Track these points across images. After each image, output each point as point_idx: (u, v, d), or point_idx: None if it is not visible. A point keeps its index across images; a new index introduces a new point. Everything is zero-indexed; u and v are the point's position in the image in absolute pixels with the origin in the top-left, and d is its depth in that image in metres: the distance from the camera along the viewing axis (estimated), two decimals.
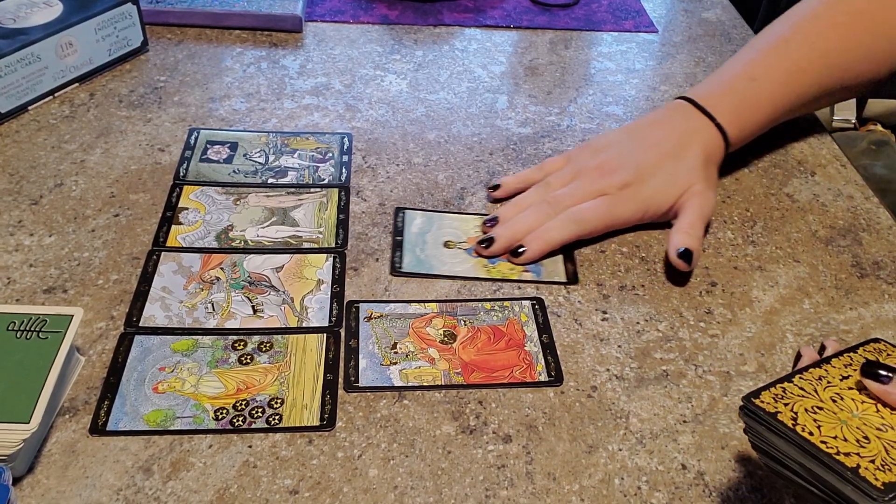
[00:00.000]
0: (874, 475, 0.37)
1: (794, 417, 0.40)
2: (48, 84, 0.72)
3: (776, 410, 0.40)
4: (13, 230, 0.59)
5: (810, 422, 0.40)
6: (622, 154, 0.63)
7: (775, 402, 0.41)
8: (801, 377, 0.42)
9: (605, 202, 0.60)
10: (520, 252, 0.59)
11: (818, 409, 0.40)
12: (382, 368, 0.51)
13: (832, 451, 0.38)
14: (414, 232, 0.61)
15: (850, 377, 0.43)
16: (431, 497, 0.44)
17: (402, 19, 0.90)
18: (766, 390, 0.41)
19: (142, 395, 0.48)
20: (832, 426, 0.39)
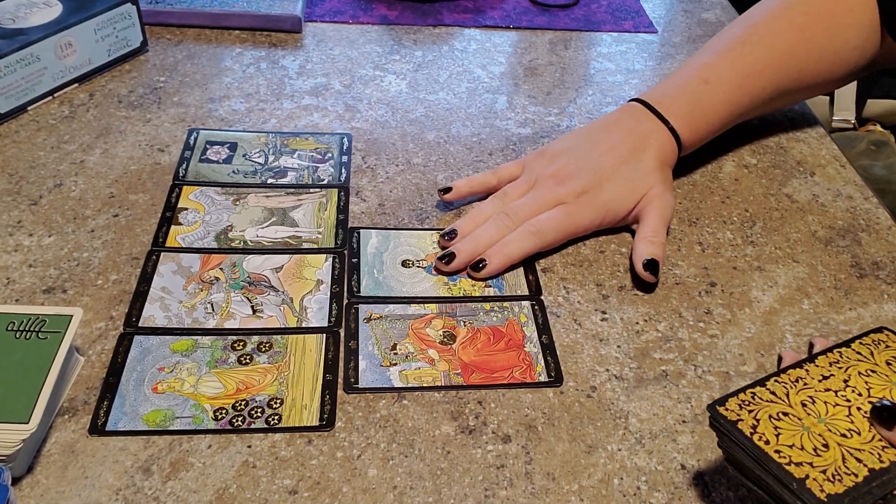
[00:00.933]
0: (821, 486, 0.37)
1: (754, 425, 0.40)
2: (47, 84, 0.72)
3: (738, 418, 0.40)
4: (13, 230, 0.59)
5: (770, 429, 0.40)
6: (578, 159, 0.62)
7: (739, 410, 0.41)
8: (777, 380, 0.43)
9: (563, 211, 0.59)
10: (480, 267, 0.57)
11: (783, 414, 0.41)
12: (382, 370, 0.51)
13: (784, 460, 0.38)
14: (371, 252, 0.59)
15: (833, 377, 0.43)
16: (431, 497, 0.44)
17: (401, 20, 0.90)
18: (734, 396, 0.42)
19: (141, 395, 0.48)
20: (792, 434, 0.40)
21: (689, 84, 0.66)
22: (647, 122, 0.64)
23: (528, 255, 0.59)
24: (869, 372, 0.43)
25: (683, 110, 0.64)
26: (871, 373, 0.43)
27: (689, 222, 0.65)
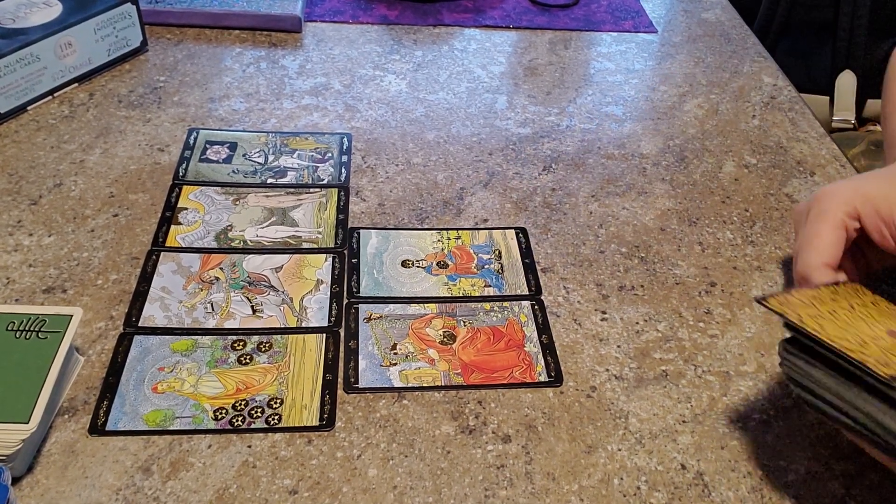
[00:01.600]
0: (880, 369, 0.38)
1: (800, 318, 0.41)
2: (47, 84, 0.72)
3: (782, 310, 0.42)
4: (12, 230, 0.59)
5: (814, 323, 0.41)
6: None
7: (780, 306, 0.43)
8: (800, 292, 0.44)
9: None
10: None
11: (819, 316, 0.42)
12: (382, 370, 0.51)
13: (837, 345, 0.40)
14: (370, 253, 0.59)
15: (839, 300, 0.45)
16: (431, 497, 0.44)
17: (401, 19, 0.90)
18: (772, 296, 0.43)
19: (141, 395, 0.48)
20: (833, 325, 0.41)
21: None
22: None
23: None
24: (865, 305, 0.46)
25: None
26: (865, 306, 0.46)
27: (689, 222, 0.65)
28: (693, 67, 0.86)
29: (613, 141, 0.74)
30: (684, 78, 0.84)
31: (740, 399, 0.51)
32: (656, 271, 0.60)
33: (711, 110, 0.79)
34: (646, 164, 0.71)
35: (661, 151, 0.73)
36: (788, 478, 0.47)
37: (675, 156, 0.72)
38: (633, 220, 0.65)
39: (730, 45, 0.90)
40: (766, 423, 0.50)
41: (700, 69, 0.85)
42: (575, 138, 0.74)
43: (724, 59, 0.88)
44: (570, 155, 0.71)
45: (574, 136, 0.74)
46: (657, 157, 0.72)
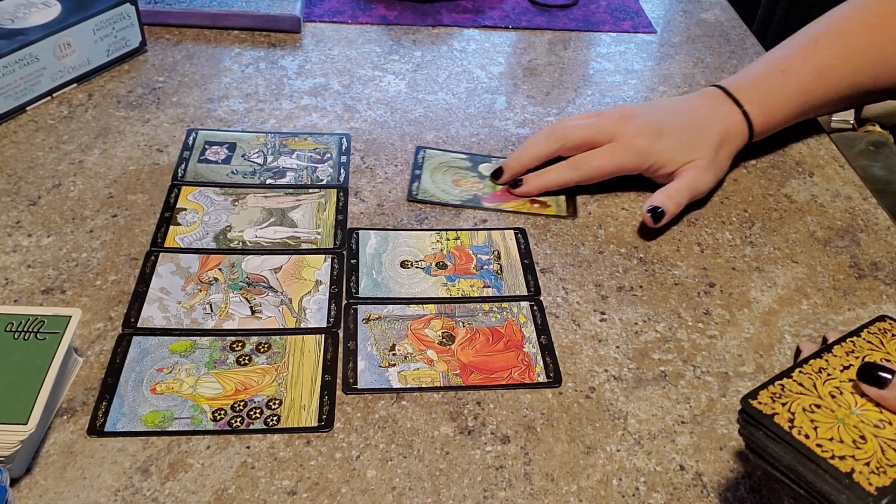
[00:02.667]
0: (868, 479, 0.37)
1: (791, 419, 0.40)
2: (46, 84, 0.72)
3: (773, 412, 0.40)
4: (11, 231, 0.59)
5: (807, 423, 0.39)
6: (646, 111, 0.66)
7: (773, 403, 0.40)
8: (801, 371, 0.42)
9: (609, 150, 0.63)
10: (518, 185, 0.65)
11: (816, 406, 0.40)
12: (381, 370, 0.51)
13: (827, 454, 0.38)
14: (369, 253, 0.59)
15: (852, 367, 0.42)
16: (430, 498, 0.44)
17: (400, 20, 0.90)
18: (763, 389, 0.41)
19: (140, 395, 0.48)
20: (829, 427, 0.39)
21: (765, 74, 0.68)
22: (722, 104, 0.67)
23: (565, 186, 0.65)
24: (884, 361, 0.43)
25: (758, 97, 0.67)
26: (885, 362, 0.43)
27: (688, 223, 0.65)
28: (692, 68, 0.86)
29: None
30: (683, 78, 0.84)
31: (739, 400, 0.51)
32: (655, 272, 0.60)
33: None
34: None
35: None
36: None
37: None
38: (633, 221, 0.65)
39: (729, 46, 0.90)
40: None
41: (699, 69, 0.85)
42: None
43: (723, 59, 0.88)
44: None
45: None
46: None
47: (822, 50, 0.68)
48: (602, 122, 0.65)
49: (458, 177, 0.67)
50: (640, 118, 0.64)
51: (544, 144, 0.65)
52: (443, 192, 0.65)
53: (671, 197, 0.62)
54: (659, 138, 0.64)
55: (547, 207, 0.65)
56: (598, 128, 0.64)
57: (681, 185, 0.63)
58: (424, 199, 0.64)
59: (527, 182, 0.65)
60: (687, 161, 0.64)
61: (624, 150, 0.64)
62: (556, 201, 0.65)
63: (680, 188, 0.63)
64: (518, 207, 0.65)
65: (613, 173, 0.64)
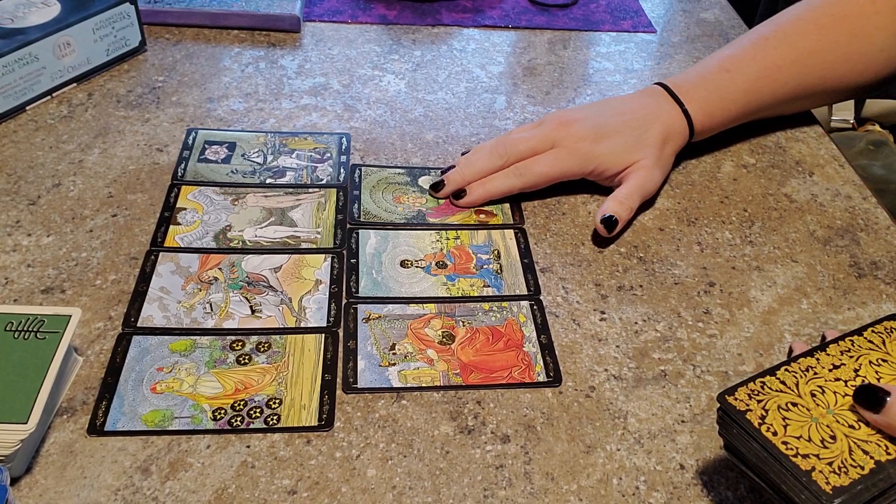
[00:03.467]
0: (827, 479, 0.37)
1: (762, 416, 0.40)
2: (46, 84, 0.72)
3: (746, 409, 0.40)
4: (11, 230, 0.59)
5: (778, 420, 0.40)
6: (589, 112, 0.66)
7: (749, 399, 0.41)
8: (787, 369, 0.42)
9: (552, 155, 0.63)
10: (461, 196, 0.63)
11: (792, 405, 0.40)
12: (381, 370, 0.51)
13: (790, 452, 0.38)
14: (369, 253, 0.59)
15: (843, 366, 0.42)
16: (430, 497, 0.44)
17: (400, 19, 0.90)
18: (743, 386, 0.42)
19: (140, 395, 0.48)
20: (800, 425, 0.40)
21: (709, 72, 0.68)
22: (663, 102, 0.67)
23: (509, 193, 0.64)
24: (880, 361, 0.43)
25: (701, 95, 0.67)
26: (882, 362, 0.43)
27: (688, 222, 0.65)
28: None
29: None
30: None
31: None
32: (655, 271, 0.60)
33: None
34: None
35: None
36: None
37: None
38: (632, 221, 0.65)
39: None
40: None
41: None
42: None
43: None
44: None
45: None
46: None
47: (771, 50, 0.68)
48: (544, 131, 0.64)
49: (399, 193, 0.65)
50: (580, 122, 0.64)
51: (488, 160, 0.64)
52: (385, 211, 0.63)
53: (622, 203, 0.61)
54: (600, 141, 0.63)
55: (493, 217, 0.64)
56: (541, 137, 0.63)
57: (630, 188, 0.62)
58: (367, 222, 0.62)
59: (470, 192, 0.63)
60: (631, 162, 0.63)
61: (567, 155, 0.63)
62: (502, 210, 0.64)
63: (630, 192, 0.62)
64: (464, 220, 0.63)
65: (558, 178, 0.64)
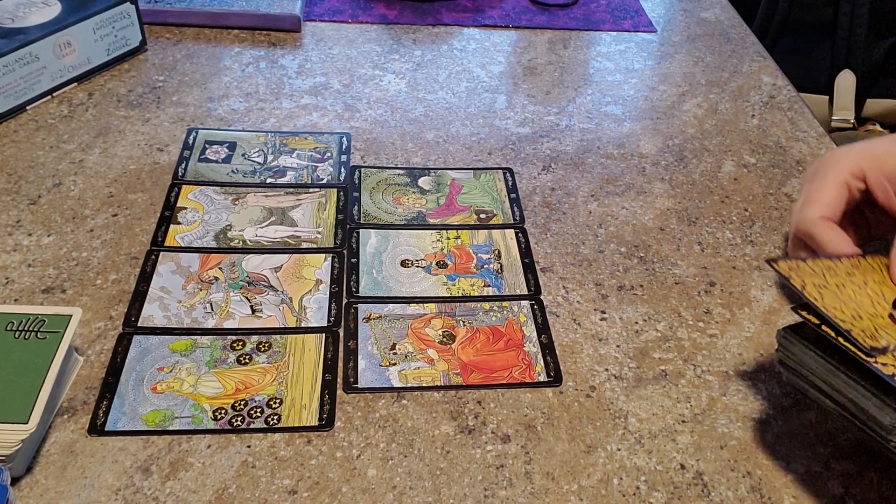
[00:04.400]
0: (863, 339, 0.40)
1: (802, 284, 0.43)
2: (46, 84, 0.72)
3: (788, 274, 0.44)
4: (11, 230, 0.59)
5: (815, 292, 0.43)
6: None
7: (788, 270, 0.44)
8: (814, 261, 0.46)
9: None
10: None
11: (823, 286, 0.43)
12: (381, 369, 0.51)
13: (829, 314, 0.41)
14: (370, 252, 0.59)
15: (855, 275, 0.46)
16: (430, 497, 0.44)
17: (400, 19, 0.90)
18: (784, 259, 0.45)
19: (140, 395, 0.48)
20: (833, 297, 0.43)
21: None
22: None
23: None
24: (881, 282, 0.46)
25: None
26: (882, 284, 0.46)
27: (689, 222, 0.65)
28: (692, 67, 0.86)
29: (613, 140, 0.74)
30: (683, 77, 0.84)
31: (739, 399, 0.51)
32: (655, 271, 0.60)
33: (711, 110, 0.79)
34: (645, 164, 0.71)
35: (660, 151, 0.73)
36: (788, 477, 0.47)
37: (674, 155, 0.72)
38: (633, 220, 0.65)
39: (729, 45, 0.90)
40: (766, 422, 0.50)
41: (699, 69, 0.85)
42: (574, 138, 0.74)
43: (723, 58, 0.88)
44: (569, 154, 0.71)
45: (573, 135, 0.74)
46: (656, 157, 0.72)
47: None
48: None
49: (399, 194, 0.65)
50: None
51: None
52: (385, 212, 0.63)
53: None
54: None
55: (494, 217, 0.64)
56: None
57: None
58: (367, 224, 0.62)
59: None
60: None
61: None
62: (502, 209, 0.64)
63: None
64: (464, 220, 0.63)
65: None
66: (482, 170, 0.69)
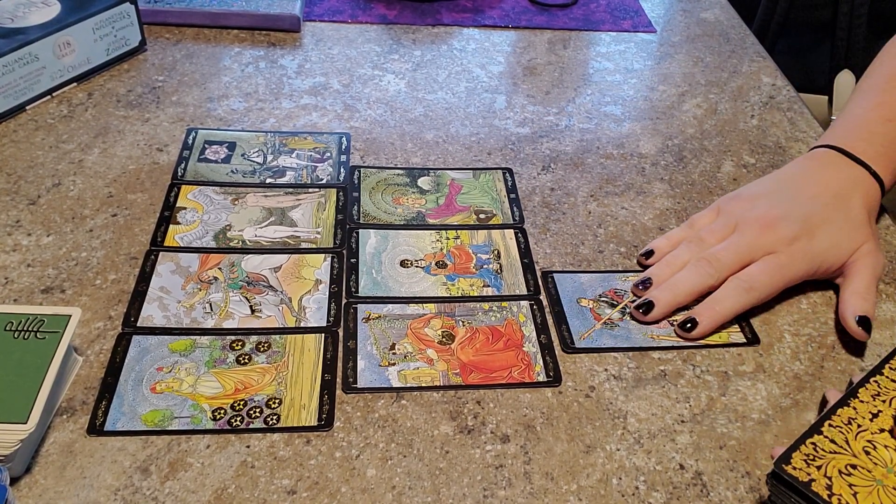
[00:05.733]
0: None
1: (828, 486, 0.38)
2: (46, 84, 0.72)
3: (810, 478, 0.38)
4: (11, 230, 0.59)
5: (846, 489, 0.37)
6: (781, 204, 0.58)
7: (807, 467, 0.38)
8: (831, 424, 0.40)
9: (775, 262, 0.55)
10: (689, 328, 0.54)
11: (852, 468, 0.38)
12: (381, 370, 0.51)
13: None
14: (369, 252, 0.59)
15: (881, 413, 0.41)
16: (429, 497, 0.44)
17: (400, 19, 0.90)
18: (796, 451, 0.39)
19: (140, 395, 0.48)
20: (868, 491, 0.37)
21: (872, 124, 0.62)
22: (845, 167, 0.60)
23: (740, 313, 0.55)
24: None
25: (877, 151, 0.60)
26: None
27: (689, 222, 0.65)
28: (692, 67, 0.86)
29: (612, 141, 0.74)
30: (683, 78, 0.84)
31: (738, 399, 0.51)
32: None
33: (710, 110, 0.79)
34: (644, 164, 0.71)
35: (659, 151, 0.73)
36: None
37: (673, 155, 0.72)
38: (632, 220, 0.65)
39: (728, 45, 0.90)
40: (765, 422, 0.50)
41: (699, 69, 0.85)
42: (574, 138, 0.74)
43: (722, 58, 0.88)
44: (568, 155, 0.71)
45: (573, 135, 0.74)
46: (656, 157, 0.72)
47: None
48: (748, 240, 0.56)
49: (398, 194, 0.65)
50: (783, 221, 0.56)
51: (698, 279, 0.55)
52: (384, 212, 0.63)
53: (866, 298, 0.55)
54: (814, 236, 0.56)
55: (493, 217, 0.63)
56: (747, 247, 0.56)
57: (867, 280, 0.56)
58: (367, 224, 0.62)
59: (701, 321, 0.54)
60: (854, 249, 0.57)
61: (790, 261, 0.55)
62: (501, 210, 0.64)
63: (868, 283, 0.55)
64: (464, 220, 0.63)
65: (786, 286, 0.56)
66: (482, 170, 0.69)
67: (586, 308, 0.56)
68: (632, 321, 0.56)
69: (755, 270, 0.55)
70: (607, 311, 0.56)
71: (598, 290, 0.58)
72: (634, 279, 0.58)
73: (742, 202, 0.59)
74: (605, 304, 0.57)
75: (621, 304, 0.56)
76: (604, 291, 0.58)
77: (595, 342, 0.54)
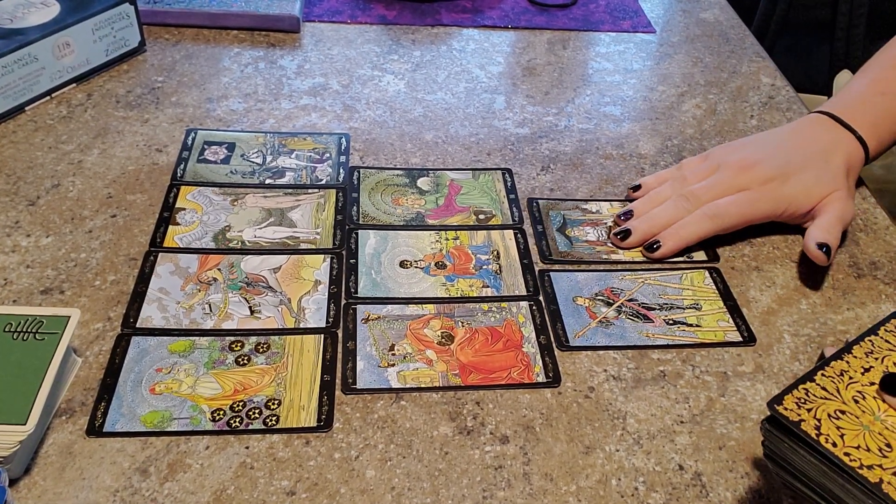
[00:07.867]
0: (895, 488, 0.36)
1: (817, 426, 0.39)
2: (45, 84, 0.72)
3: (799, 419, 0.39)
4: (10, 231, 0.59)
5: (833, 430, 0.38)
6: (765, 150, 0.63)
7: (798, 409, 0.39)
8: (823, 374, 0.42)
9: (744, 197, 0.60)
10: (655, 248, 0.60)
11: (840, 413, 0.39)
12: (380, 370, 0.51)
13: (855, 464, 0.37)
14: (368, 253, 0.59)
15: (872, 369, 0.42)
16: (429, 498, 0.44)
17: (399, 19, 0.90)
18: (788, 393, 0.40)
19: (139, 396, 0.48)
20: (855, 434, 0.38)
21: (866, 96, 0.66)
22: (833, 130, 0.64)
23: (703, 238, 0.61)
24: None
25: (867, 120, 0.64)
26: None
27: None
28: (691, 67, 0.86)
29: (612, 141, 0.74)
30: (682, 78, 0.84)
31: (738, 399, 0.51)
32: None
33: (710, 110, 0.79)
34: (644, 164, 0.71)
35: (659, 151, 0.73)
36: None
37: (673, 156, 0.72)
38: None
39: (728, 45, 0.90)
40: None
41: (698, 69, 0.85)
42: (573, 138, 0.74)
43: (722, 58, 0.88)
44: (568, 155, 0.71)
45: (572, 136, 0.74)
46: (655, 157, 0.72)
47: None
48: (725, 179, 0.61)
49: (398, 195, 0.65)
50: (763, 164, 0.61)
51: (674, 211, 0.61)
52: (384, 213, 0.63)
53: (829, 231, 0.59)
54: (788, 179, 0.61)
55: (493, 217, 0.64)
56: (725, 185, 0.61)
57: (831, 219, 0.60)
58: (366, 224, 0.62)
59: (664, 242, 0.60)
60: (824, 195, 0.61)
61: (759, 198, 0.60)
62: (501, 210, 0.64)
63: (831, 222, 0.59)
64: (463, 221, 0.63)
65: (750, 222, 0.61)
66: (481, 170, 0.69)
67: (582, 307, 0.56)
68: (627, 319, 0.56)
69: (723, 201, 0.60)
70: (603, 309, 0.56)
71: (594, 288, 0.58)
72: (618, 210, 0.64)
73: (728, 148, 0.65)
74: (602, 302, 0.57)
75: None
76: (600, 290, 0.58)
77: (590, 340, 0.54)
